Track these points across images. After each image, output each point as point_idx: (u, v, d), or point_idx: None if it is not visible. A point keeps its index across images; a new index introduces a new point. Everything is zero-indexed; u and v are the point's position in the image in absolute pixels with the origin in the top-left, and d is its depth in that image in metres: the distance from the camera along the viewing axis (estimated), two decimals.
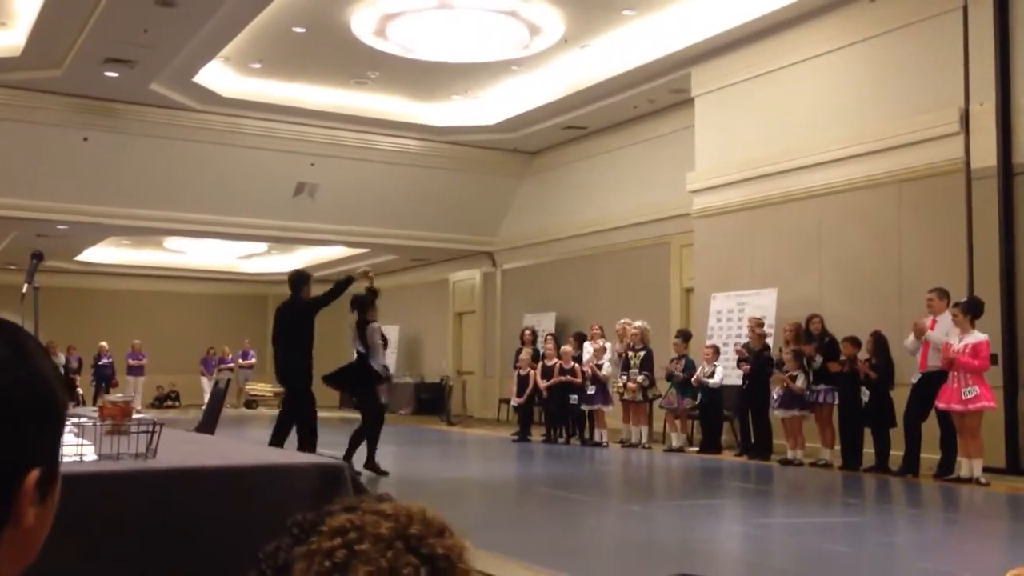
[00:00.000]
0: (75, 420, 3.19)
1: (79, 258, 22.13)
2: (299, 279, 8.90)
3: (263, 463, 2.28)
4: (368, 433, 8.93)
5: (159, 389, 23.34)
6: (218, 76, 14.61)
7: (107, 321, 23.41)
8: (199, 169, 16.31)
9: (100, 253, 22.33)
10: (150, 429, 2.41)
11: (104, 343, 21.35)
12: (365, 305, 9.03)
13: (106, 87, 14.36)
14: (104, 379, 20.78)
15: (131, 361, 21.76)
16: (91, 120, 15.12)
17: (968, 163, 9.98)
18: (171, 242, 23.19)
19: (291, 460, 2.38)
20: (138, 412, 3.28)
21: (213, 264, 24.91)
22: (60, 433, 0.81)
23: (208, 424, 5.90)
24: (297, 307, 8.73)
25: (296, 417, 8.49)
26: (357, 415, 9.44)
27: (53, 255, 20.14)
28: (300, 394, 8.53)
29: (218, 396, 6.43)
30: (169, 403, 23.24)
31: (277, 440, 8.41)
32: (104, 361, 21.25)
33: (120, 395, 3.07)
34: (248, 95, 15.28)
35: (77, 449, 2.35)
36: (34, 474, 0.76)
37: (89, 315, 23.46)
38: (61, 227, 17.16)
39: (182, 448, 2.66)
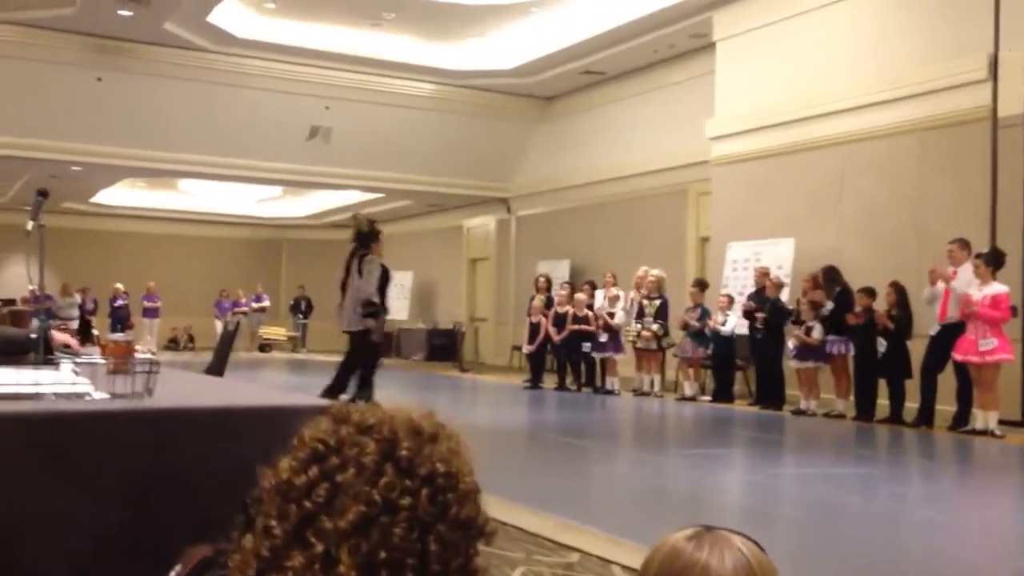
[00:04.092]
0: (77, 359, 3.16)
1: (94, 200, 22.14)
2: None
3: (261, 404, 2.23)
4: (342, 369, 8.88)
5: (175, 330, 23.47)
6: (233, 16, 14.41)
7: (122, 263, 23.49)
8: (213, 111, 16.19)
9: (115, 195, 22.33)
10: (148, 368, 2.36)
11: (119, 285, 21.43)
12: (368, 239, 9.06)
13: (120, 26, 14.21)
14: (119, 321, 20.89)
15: (146, 303, 21.87)
16: (105, 60, 14.99)
17: (995, 111, 9.75)
18: (185, 185, 23.15)
19: (290, 402, 2.33)
20: (153, 354, 3.22)
21: (227, 208, 24.90)
22: None
23: (217, 366, 5.89)
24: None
25: (359, 362, 8.74)
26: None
27: (68, 197, 20.17)
28: (364, 341, 8.79)
29: (227, 338, 6.42)
30: (184, 345, 23.39)
31: (339, 386, 8.62)
32: (119, 303, 21.35)
33: (122, 335, 3.04)
34: (263, 36, 15.09)
35: (74, 387, 2.31)
36: None
37: (104, 257, 23.54)
38: (75, 168, 17.12)
39: (182, 388, 2.62)
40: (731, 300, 11.89)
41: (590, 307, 13.33)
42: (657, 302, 12.62)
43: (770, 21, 12.27)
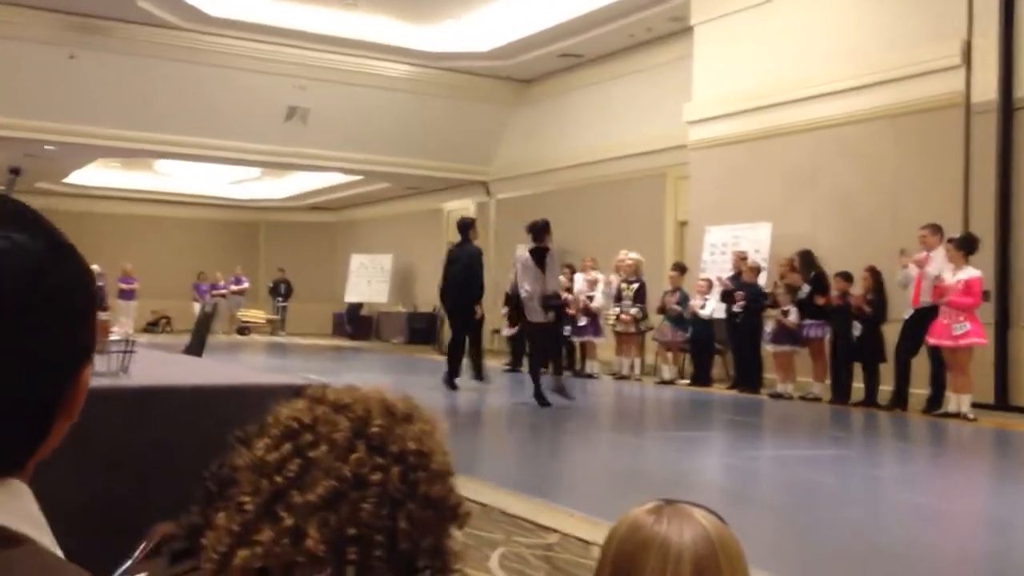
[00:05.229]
0: None
1: (68, 180, 21.89)
2: (465, 225, 10.66)
3: (237, 383, 2.22)
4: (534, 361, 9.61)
5: (155, 313, 23.21)
6: None
7: (97, 245, 23.13)
8: (188, 90, 16.02)
9: (90, 175, 22.09)
10: (124, 348, 2.35)
11: (95, 266, 21.08)
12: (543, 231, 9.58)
13: (92, 3, 14.03)
14: None
15: (122, 285, 21.63)
16: (77, 37, 14.79)
17: (968, 97, 9.82)
18: (162, 165, 22.92)
19: (266, 381, 2.33)
20: (130, 336, 3.23)
21: (205, 189, 24.69)
22: None
23: (195, 348, 5.86)
24: (465, 251, 10.39)
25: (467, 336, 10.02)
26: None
27: (42, 176, 19.92)
28: (469, 321, 10.17)
29: (204, 320, 6.38)
30: (163, 328, 23.19)
31: (455, 368, 9.92)
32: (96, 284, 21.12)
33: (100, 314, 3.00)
34: (236, 15, 14.91)
35: None
36: (89, 365, 0.76)
37: (78, 238, 21.76)
38: (49, 147, 16.91)
39: (159, 368, 2.60)
40: (710, 284, 11.94)
41: (569, 290, 13.34)
42: (635, 286, 12.65)
43: (747, 5, 12.27)
